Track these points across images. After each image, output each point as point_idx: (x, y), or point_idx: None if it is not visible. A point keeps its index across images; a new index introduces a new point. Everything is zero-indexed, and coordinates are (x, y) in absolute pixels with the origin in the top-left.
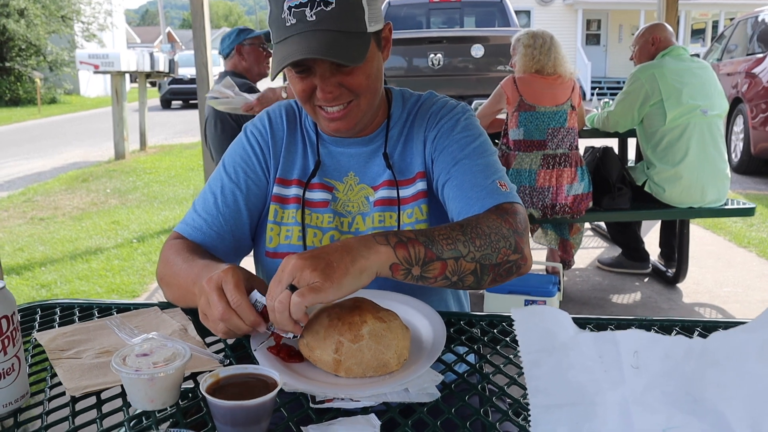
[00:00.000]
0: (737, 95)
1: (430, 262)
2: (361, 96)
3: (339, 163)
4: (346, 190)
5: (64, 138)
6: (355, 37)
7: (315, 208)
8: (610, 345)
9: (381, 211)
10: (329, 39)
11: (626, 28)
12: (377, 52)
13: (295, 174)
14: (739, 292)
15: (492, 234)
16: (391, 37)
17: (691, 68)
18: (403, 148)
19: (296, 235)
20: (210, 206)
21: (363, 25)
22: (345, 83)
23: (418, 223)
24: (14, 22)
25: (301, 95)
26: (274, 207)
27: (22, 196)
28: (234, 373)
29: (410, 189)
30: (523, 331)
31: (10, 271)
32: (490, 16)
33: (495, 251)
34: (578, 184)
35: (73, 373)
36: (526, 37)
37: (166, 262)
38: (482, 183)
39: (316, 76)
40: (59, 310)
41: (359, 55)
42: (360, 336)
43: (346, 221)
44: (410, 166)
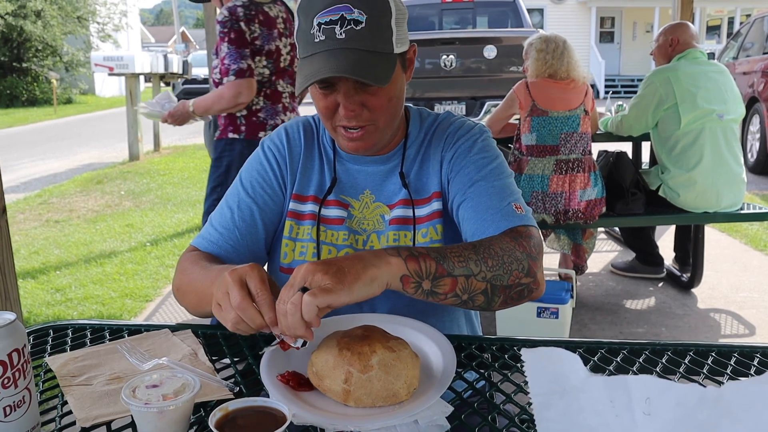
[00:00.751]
0: (753, 94)
1: (441, 278)
2: (381, 117)
3: (355, 181)
4: (361, 208)
5: (79, 139)
6: (382, 58)
7: (330, 225)
8: (622, 390)
9: (396, 230)
10: (357, 58)
11: (640, 26)
12: (401, 73)
13: (312, 190)
14: (755, 297)
15: (505, 256)
16: (414, 59)
17: (706, 72)
18: (420, 168)
19: (311, 252)
20: (227, 221)
21: (390, 46)
22: (367, 104)
23: (433, 242)
24: (31, 23)
25: (324, 112)
26: (289, 223)
27: (38, 198)
28: (243, 406)
29: (426, 208)
30: (532, 373)
31: (26, 275)
32: (503, 16)
33: (507, 273)
34: (591, 190)
35: (83, 402)
36: (539, 41)
37: (183, 271)
38: (497, 205)
39: (340, 94)
40: (71, 332)
41: (385, 76)
42: (369, 366)
43: (360, 239)
44: (426, 186)
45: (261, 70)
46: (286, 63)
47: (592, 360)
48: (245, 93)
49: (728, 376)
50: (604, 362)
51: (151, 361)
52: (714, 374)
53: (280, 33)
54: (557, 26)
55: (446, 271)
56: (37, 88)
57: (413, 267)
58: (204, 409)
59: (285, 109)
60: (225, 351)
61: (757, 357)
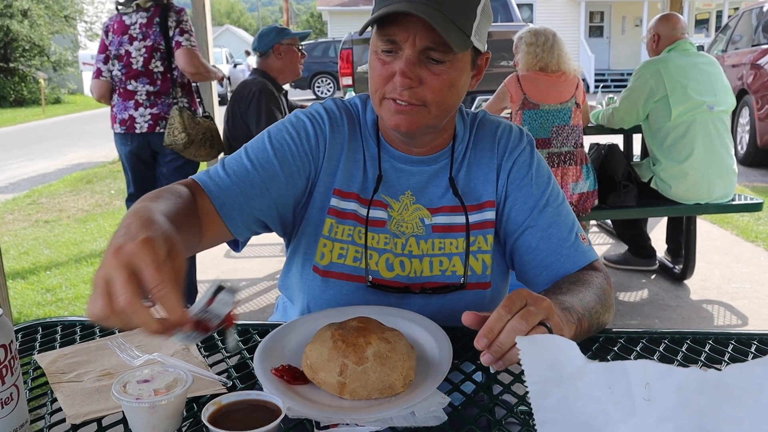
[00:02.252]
0: (743, 87)
1: (582, 332)
2: (434, 102)
3: (398, 180)
4: (400, 210)
5: (68, 138)
6: (458, 32)
7: (373, 228)
8: (620, 376)
9: (441, 238)
10: (437, 15)
11: (629, 20)
12: (469, 69)
13: (355, 187)
14: (747, 288)
15: (608, 298)
16: (483, 70)
17: (696, 63)
18: (468, 172)
19: (351, 255)
20: (246, 172)
21: (470, 29)
22: (426, 81)
23: (481, 252)
24: (18, 22)
25: (377, 80)
26: (330, 221)
27: (27, 198)
28: (236, 399)
29: (476, 216)
30: (528, 361)
31: (16, 275)
32: (493, 11)
33: (607, 311)
34: (583, 182)
35: (74, 399)
36: (529, 35)
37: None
38: (569, 238)
39: (401, 60)
40: (60, 329)
41: (458, 44)
42: (365, 358)
43: (399, 242)
44: (475, 192)
45: (115, 72)
46: (138, 65)
47: (590, 350)
48: (94, 91)
49: (726, 363)
50: (601, 351)
51: (143, 356)
52: (711, 362)
53: (132, 38)
54: (546, 21)
55: (589, 323)
56: (24, 88)
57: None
58: (197, 404)
59: (138, 106)
60: (218, 345)
61: (754, 344)
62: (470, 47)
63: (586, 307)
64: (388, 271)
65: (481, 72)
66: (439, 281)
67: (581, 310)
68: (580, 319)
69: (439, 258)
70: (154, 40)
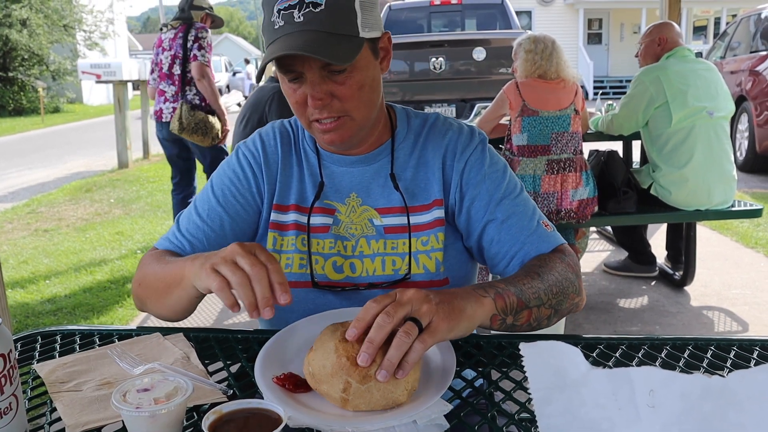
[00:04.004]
0: (741, 93)
1: (521, 311)
2: (353, 108)
3: (341, 184)
4: (348, 212)
5: (67, 147)
6: (345, 40)
7: (315, 234)
8: (624, 383)
9: (394, 239)
10: (315, 38)
11: (628, 27)
12: (373, 60)
13: (293, 199)
14: (747, 294)
15: (563, 280)
16: (391, 48)
17: (696, 70)
18: (416, 172)
19: (297, 263)
20: (195, 227)
21: (355, 29)
22: (336, 93)
23: (434, 250)
24: (17, 32)
25: (296, 108)
26: (272, 235)
27: (26, 208)
28: (237, 408)
29: (426, 216)
30: (532, 368)
31: (15, 284)
32: (491, 18)
33: (566, 297)
34: (583, 189)
35: (73, 408)
36: (528, 42)
37: (146, 266)
38: (529, 226)
39: (307, 84)
40: (60, 338)
41: (347, 56)
42: (369, 377)
43: (349, 245)
44: (425, 192)
45: (153, 76)
46: (165, 69)
47: (591, 356)
48: (148, 92)
49: (728, 369)
50: (602, 358)
51: (142, 365)
52: (714, 368)
53: (164, 49)
54: (545, 28)
55: (524, 304)
56: (23, 98)
57: (500, 305)
58: (197, 413)
59: (165, 101)
60: (218, 354)
61: (756, 350)
62: (363, 44)
63: (521, 288)
64: (336, 273)
65: (388, 51)
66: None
67: (505, 285)
68: (501, 294)
69: (392, 258)
70: (176, 51)
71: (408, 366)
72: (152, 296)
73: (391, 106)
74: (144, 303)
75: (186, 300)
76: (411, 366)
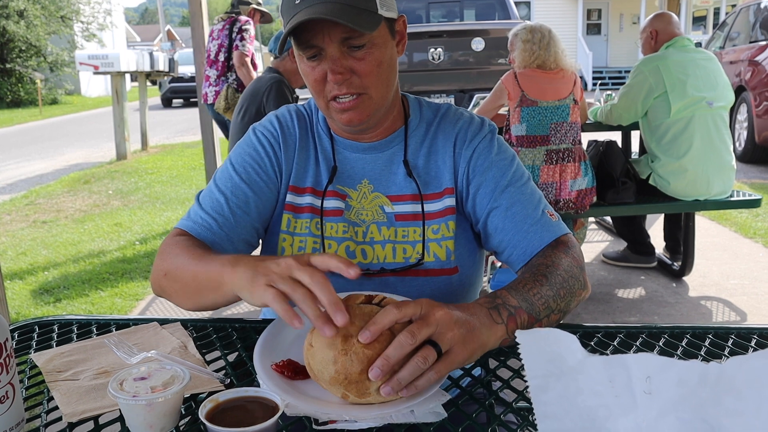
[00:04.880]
0: (740, 83)
1: (531, 326)
2: (371, 85)
3: (353, 170)
4: (359, 198)
5: (65, 139)
6: (365, 14)
7: (328, 218)
8: (621, 369)
9: (404, 226)
10: (336, 8)
11: (627, 17)
12: (390, 40)
13: (309, 182)
14: (746, 284)
15: (570, 279)
16: (406, 33)
17: (695, 59)
18: (428, 160)
19: (310, 246)
20: (220, 205)
21: (374, 5)
22: (356, 69)
23: (445, 239)
24: (14, 23)
25: (314, 86)
26: (287, 216)
27: (24, 199)
28: (234, 396)
29: (437, 204)
30: (528, 355)
31: (14, 276)
32: (490, 9)
33: (573, 296)
34: (582, 179)
35: (70, 397)
36: (524, 32)
37: (174, 256)
38: (534, 214)
39: (327, 60)
40: (57, 327)
41: (369, 25)
42: (368, 393)
43: (360, 230)
44: (437, 180)
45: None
46: (212, 57)
47: (590, 345)
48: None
49: (726, 357)
50: (600, 347)
51: (140, 354)
52: (711, 356)
53: (213, 39)
54: (544, 18)
55: (535, 318)
56: (21, 89)
57: (512, 328)
58: (194, 402)
59: (210, 85)
60: (215, 343)
61: (754, 338)
62: (382, 21)
63: (531, 301)
64: (349, 258)
65: (404, 35)
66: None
67: (516, 302)
68: (513, 314)
69: (403, 246)
70: (222, 40)
71: (415, 390)
72: (180, 291)
73: (405, 95)
74: (167, 294)
75: (222, 303)
76: (418, 391)
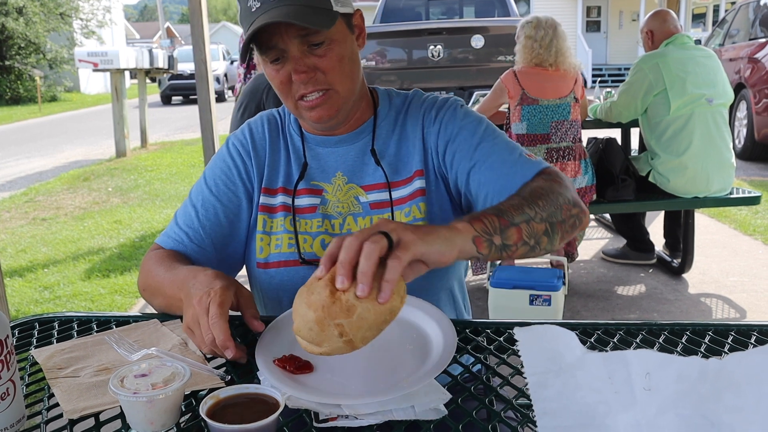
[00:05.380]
0: (740, 81)
1: (507, 229)
2: (336, 80)
3: (326, 164)
4: (334, 191)
5: (65, 136)
6: (321, 12)
7: (303, 215)
8: (620, 366)
9: (379, 214)
10: (291, 9)
11: (626, 15)
12: (349, 34)
13: (280, 182)
14: (745, 281)
15: (550, 193)
16: (365, 26)
17: (695, 57)
18: (398, 147)
19: (286, 243)
20: (191, 219)
21: (328, 2)
22: (319, 65)
23: (416, 221)
24: (13, 20)
25: (281, 88)
26: (262, 217)
27: (24, 197)
28: (235, 393)
29: (406, 189)
30: (527, 352)
31: (13, 273)
32: (490, 6)
33: (558, 208)
34: (582, 178)
35: (71, 394)
36: (529, 26)
37: (148, 272)
38: (511, 158)
39: (290, 62)
40: (57, 324)
41: (325, 23)
42: (352, 306)
43: (336, 223)
44: (407, 166)
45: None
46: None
47: (589, 341)
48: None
49: (726, 354)
50: (600, 344)
51: (140, 351)
52: (711, 353)
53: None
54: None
55: (509, 221)
56: (21, 86)
57: (480, 226)
58: (195, 399)
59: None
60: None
61: (754, 335)
62: (338, 17)
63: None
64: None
65: (362, 29)
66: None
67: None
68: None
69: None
70: None
71: (388, 286)
72: (158, 306)
73: (375, 88)
74: (153, 305)
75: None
76: (391, 286)
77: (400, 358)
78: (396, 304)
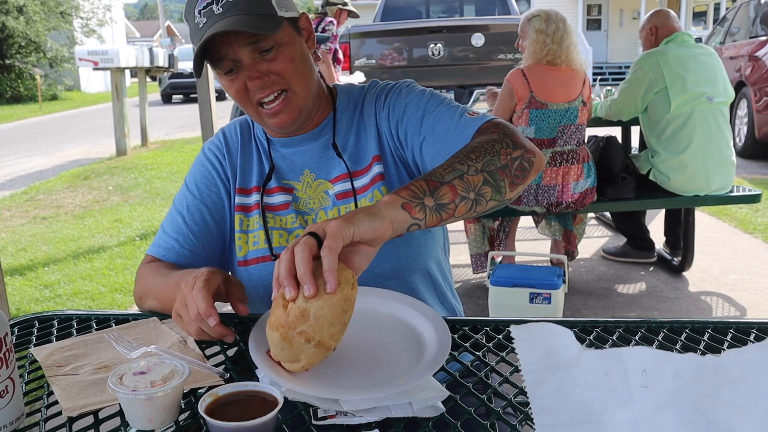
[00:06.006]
0: (741, 79)
1: (437, 189)
2: (291, 80)
3: (293, 164)
4: (304, 189)
5: (65, 135)
6: (266, 18)
7: (276, 212)
8: (617, 363)
9: (345, 204)
10: (237, 19)
11: (627, 13)
12: (297, 37)
13: (254, 181)
14: (745, 279)
15: (483, 144)
16: (312, 29)
17: (696, 55)
18: (357, 138)
19: (263, 239)
20: (179, 225)
21: (272, 9)
22: (272, 69)
23: None
24: (13, 19)
25: (238, 97)
26: (239, 217)
27: (24, 195)
28: (233, 391)
29: (367, 176)
30: (524, 350)
31: (14, 272)
32: (490, 4)
33: (494, 155)
34: (584, 181)
35: (70, 392)
36: (538, 20)
37: (144, 281)
38: (452, 123)
39: (243, 71)
40: (57, 322)
41: (270, 28)
42: (305, 310)
43: (309, 218)
44: (365, 154)
45: None
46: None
47: (587, 339)
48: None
49: (724, 351)
50: (599, 341)
51: (139, 349)
52: (710, 351)
53: None
54: None
55: (438, 181)
56: (21, 85)
57: (406, 193)
58: (194, 396)
59: None
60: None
61: (753, 332)
62: (283, 21)
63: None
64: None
65: (311, 32)
66: None
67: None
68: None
69: None
70: None
71: (331, 275)
72: (155, 308)
73: (335, 86)
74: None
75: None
76: (333, 275)
77: (395, 357)
78: (347, 292)
